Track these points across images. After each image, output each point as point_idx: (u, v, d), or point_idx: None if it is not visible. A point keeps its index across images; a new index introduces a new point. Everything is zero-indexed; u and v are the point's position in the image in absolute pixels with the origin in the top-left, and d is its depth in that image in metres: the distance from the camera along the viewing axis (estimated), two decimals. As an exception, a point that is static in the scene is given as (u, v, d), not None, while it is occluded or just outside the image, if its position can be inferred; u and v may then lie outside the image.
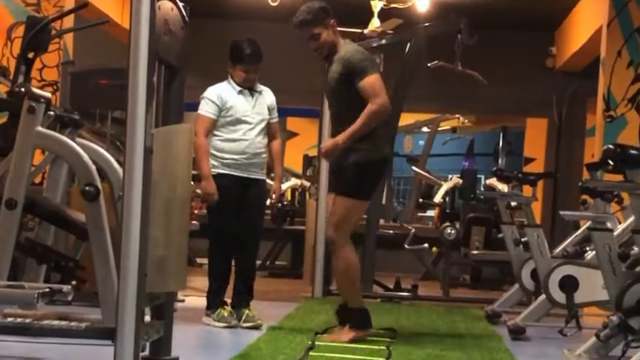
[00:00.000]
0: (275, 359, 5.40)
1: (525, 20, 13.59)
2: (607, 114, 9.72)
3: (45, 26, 6.19)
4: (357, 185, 6.21)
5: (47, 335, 5.00)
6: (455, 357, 5.94)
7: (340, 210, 6.21)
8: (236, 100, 6.92)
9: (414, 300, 9.84)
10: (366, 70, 6.18)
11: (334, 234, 6.21)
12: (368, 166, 6.23)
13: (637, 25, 9.65)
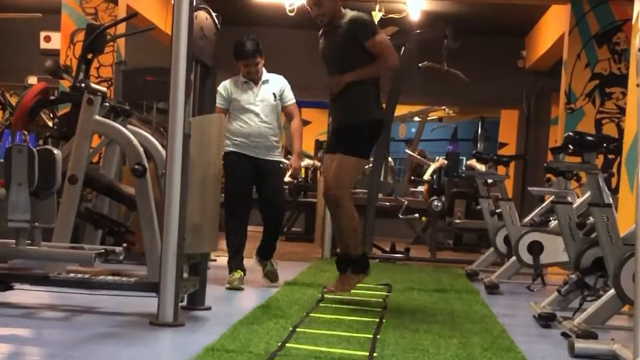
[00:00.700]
0: (291, 309, 5.41)
1: (500, 28, 13.53)
2: (568, 106, 9.71)
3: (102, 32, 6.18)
4: (360, 145, 5.82)
5: (103, 288, 5.03)
6: (440, 307, 5.95)
7: (345, 169, 5.75)
8: (240, 91, 6.65)
9: (406, 260, 9.84)
10: (376, 31, 5.84)
11: (339, 191, 5.76)
12: (370, 126, 5.83)
13: (594, 33, 9.64)
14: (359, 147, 5.80)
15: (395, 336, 4.63)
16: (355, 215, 5.84)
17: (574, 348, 4.42)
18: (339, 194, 5.73)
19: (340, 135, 5.94)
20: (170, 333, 4.45)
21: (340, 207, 5.76)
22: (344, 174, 5.76)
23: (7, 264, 5.32)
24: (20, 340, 4.22)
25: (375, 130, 5.96)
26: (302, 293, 6.25)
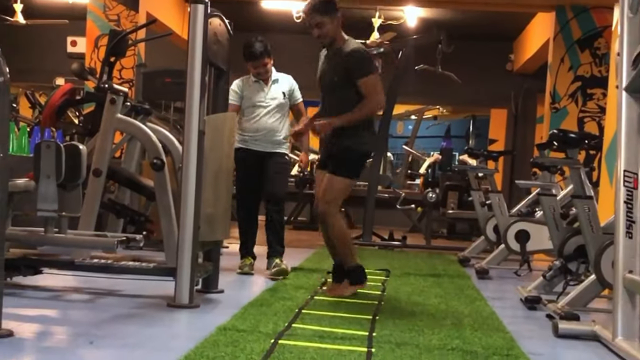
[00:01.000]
0: (297, 292, 5.42)
1: (490, 33, 13.52)
2: (553, 106, 9.71)
3: (124, 37, 6.17)
4: (354, 168, 5.53)
5: (124, 273, 5.03)
6: (434, 291, 5.93)
7: (337, 187, 5.42)
8: (251, 90, 6.51)
9: (403, 247, 9.84)
10: (370, 70, 5.46)
11: (328, 208, 5.42)
12: (365, 153, 5.68)
13: (576, 38, 9.64)
14: (349, 170, 5.50)
15: (393, 317, 4.64)
16: (344, 229, 5.65)
17: (558, 329, 4.41)
18: (327, 211, 5.44)
19: (331, 156, 5.60)
20: (186, 314, 4.45)
21: (327, 223, 5.50)
22: (332, 192, 5.45)
23: (37, 250, 5.33)
24: (49, 320, 4.23)
25: (365, 159, 5.90)
26: (308, 277, 6.26)
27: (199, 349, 3.48)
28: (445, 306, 5.21)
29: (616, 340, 3.96)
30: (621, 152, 4.16)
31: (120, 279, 5.41)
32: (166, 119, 8.76)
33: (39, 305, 4.56)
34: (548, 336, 4.41)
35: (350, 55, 5.43)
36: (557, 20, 9.69)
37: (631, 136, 4.18)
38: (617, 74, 4.31)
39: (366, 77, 5.38)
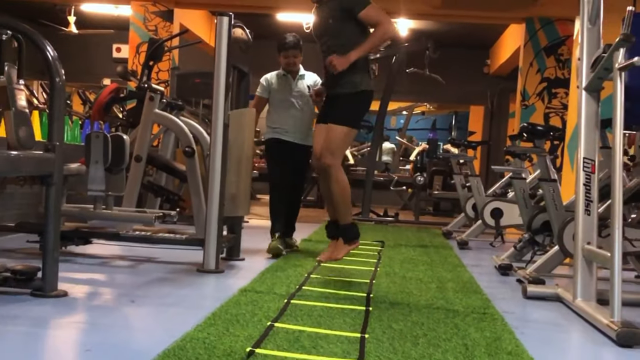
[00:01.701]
0: (307, 260, 5.39)
1: (470, 41, 13.50)
2: (523, 103, 9.68)
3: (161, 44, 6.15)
4: (353, 115, 4.79)
5: (161, 243, 5.05)
6: (423, 259, 5.92)
7: (338, 137, 4.70)
8: (279, 83, 5.97)
9: (396, 223, 9.82)
10: (365, 1, 4.64)
11: (332, 160, 4.69)
12: (362, 96, 4.77)
13: (543, 46, 9.63)
14: (352, 118, 4.78)
15: (387, 281, 4.63)
16: (346, 184, 4.81)
17: (527, 291, 4.40)
18: (330, 162, 4.70)
19: (334, 104, 4.86)
20: (213, 278, 4.45)
21: (331, 175, 4.73)
22: (336, 143, 4.71)
23: (87, 224, 5.34)
24: (97, 282, 4.23)
25: (367, 101, 4.89)
26: (315, 247, 6.24)
27: (224, 307, 3.48)
28: (432, 272, 5.20)
29: (576, 301, 3.95)
30: (581, 142, 4.15)
31: (158, 248, 5.42)
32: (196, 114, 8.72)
33: (89, 270, 4.56)
34: (518, 298, 4.40)
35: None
36: (527, 31, 9.68)
37: (590, 128, 4.16)
38: (577, 75, 4.29)
39: (365, 7, 4.63)
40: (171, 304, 3.59)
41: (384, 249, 6.55)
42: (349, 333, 3.09)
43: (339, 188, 4.75)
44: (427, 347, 2.93)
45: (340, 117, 4.73)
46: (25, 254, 4.95)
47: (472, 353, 2.87)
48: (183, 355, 2.58)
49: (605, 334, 3.37)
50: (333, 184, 4.74)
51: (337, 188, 4.75)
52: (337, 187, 4.75)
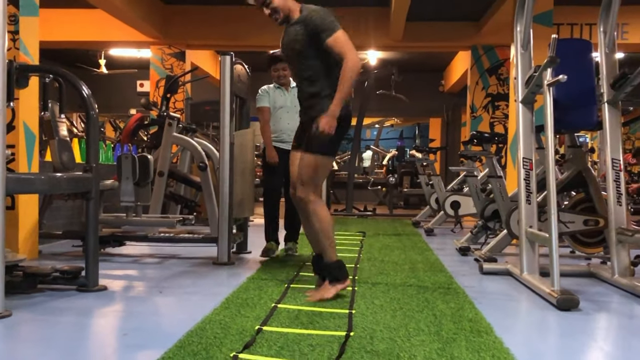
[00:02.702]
0: (302, 249, 5.35)
1: (428, 66, 13.51)
2: (472, 115, 9.67)
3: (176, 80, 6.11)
4: (329, 143, 3.44)
5: (182, 242, 5.02)
6: (397, 245, 5.91)
7: (313, 167, 3.44)
8: (275, 95, 5.15)
9: (374, 216, 9.82)
10: (333, 27, 3.41)
11: (305, 193, 3.45)
12: (339, 124, 3.39)
13: (486, 68, 9.64)
14: (325, 145, 3.43)
15: (369, 265, 4.61)
16: (324, 217, 3.46)
17: (482, 268, 4.40)
18: (303, 195, 3.46)
19: (307, 130, 3.52)
20: (226, 269, 4.40)
21: (307, 209, 3.47)
22: (309, 174, 3.45)
23: (121, 229, 5.29)
24: (130, 277, 4.18)
25: (344, 127, 3.50)
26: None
27: (235, 293, 3.44)
28: (405, 256, 5.18)
29: (523, 274, 3.95)
30: (520, 145, 4.15)
31: (179, 246, 5.40)
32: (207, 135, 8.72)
33: (124, 267, 4.51)
34: (476, 274, 4.39)
35: (309, 17, 3.44)
36: (472, 56, 9.69)
37: (526, 133, 4.16)
38: (515, 91, 4.29)
39: (334, 34, 3.39)
40: (192, 293, 3.55)
41: (365, 238, 6.53)
42: (339, 310, 3.07)
43: (317, 222, 3.44)
44: (403, 318, 2.91)
45: (319, 147, 3.42)
46: (71, 256, 4.91)
47: (440, 321, 2.85)
48: (203, 334, 2.55)
49: (548, 301, 3.36)
50: (311, 217, 3.45)
51: (316, 222, 3.45)
52: (315, 221, 3.45)
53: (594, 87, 4.02)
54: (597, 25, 4.10)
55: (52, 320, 2.85)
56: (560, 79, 3.46)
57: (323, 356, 2.28)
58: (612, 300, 3.55)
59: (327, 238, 3.46)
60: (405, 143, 18.08)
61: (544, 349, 2.56)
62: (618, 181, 3.89)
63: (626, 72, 3.73)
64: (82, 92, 3.55)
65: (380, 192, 12.24)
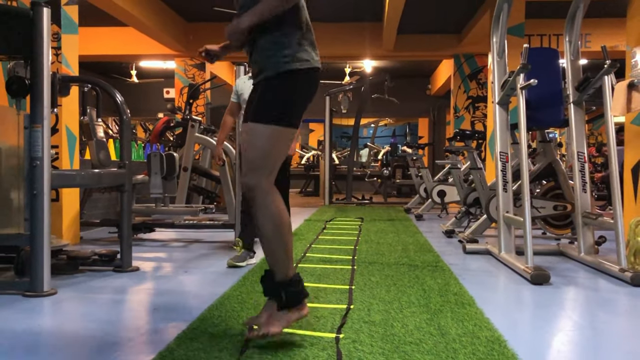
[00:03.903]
0: (308, 234, 5.35)
1: (416, 72, 13.47)
2: (455, 115, 9.62)
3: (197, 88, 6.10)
4: (277, 106, 2.00)
5: (203, 228, 4.98)
6: (391, 229, 5.89)
7: (258, 144, 1.98)
8: (245, 87, 4.04)
9: (371, 204, 9.78)
10: None
11: (256, 177, 1.97)
12: (290, 78, 2.01)
13: (467, 74, 9.58)
14: (276, 110, 2.01)
15: (367, 247, 4.59)
16: (278, 214, 1.99)
17: (466, 249, 4.38)
18: (253, 182, 1.98)
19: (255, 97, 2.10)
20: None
21: (254, 200, 1.99)
22: (257, 151, 1.99)
23: (151, 217, 5.29)
24: (159, 259, 4.18)
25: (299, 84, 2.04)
26: (314, 225, 6.20)
27: (251, 272, 3.44)
28: (397, 238, 5.17)
29: (501, 253, 3.93)
30: (497, 140, 4.12)
31: (202, 232, 5.38)
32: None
33: (154, 250, 4.51)
34: (460, 253, 4.37)
35: None
36: (455, 64, 9.63)
37: (503, 130, 4.13)
38: (492, 94, 4.25)
39: None
40: (213, 272, 3.54)
41: (363, 223, 6.51)
42: (340, 286, 3.06)
43: (268, 220, 1.99)
44: (397, 292, 2.90)
45: (259, 112, 2.04)
46: (108, 241, 4.91)
47: (429, 295, 2.84)
48: (222, 308, 2.54)
49: (523, 276, 3.35)
50: (257, 212, 1.99)
51: (263, 219, 1.99)
52: (262, 218, 1.99)
53: (561, 89, 3.99)
54: (564, 35, 4.06)
55: (92, 298, 2.84)
56: (531, 82, 3.43)
57: (327, 326, 2.27)
58: (579, 276, 3.53)
59: (280, 245, 2.02)
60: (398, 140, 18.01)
61: (519, 318, 2.54)
62: (583, 171, 3.86)
63: (589, 76, 3.70)
64: (116, 99, 3.54)
65: (376, 183, 12.18)
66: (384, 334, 2.17)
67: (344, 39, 9.32)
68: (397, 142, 15.06)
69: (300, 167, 13.35)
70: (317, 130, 17.00)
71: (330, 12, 8.59)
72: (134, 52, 9.64)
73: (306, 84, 2.08)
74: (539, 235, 5.26)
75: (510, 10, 4.10)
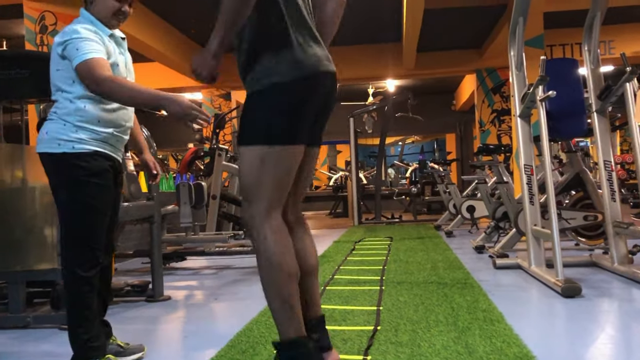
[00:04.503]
0: (337, 255, 5.32)
1: (440, 89, 13.45)
2: (481, 129, 9.57)
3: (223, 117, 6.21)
4: (261, 123, 1.63)
5: (234, 255, 5.01)
6: (420, 247, 5.82)
7: (246, 169, 1.65)
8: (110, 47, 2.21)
9: (400, 222, 9.71)
10: None
11: (253, 209, 1.65)
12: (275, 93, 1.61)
13: (490, 87, 9.55)
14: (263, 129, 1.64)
15: (395, 266, 4.55)
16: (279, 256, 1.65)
17: (496, 264, 4.31)
18: (245, 215, 1.70)
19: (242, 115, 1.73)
20: (272, 276, 4.41)
21: (253, 238, 1.68)
22: (248, 178, 1.67)
23: (182, 246, 5.35)
24: (191, 287, 4.23)
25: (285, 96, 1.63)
26: (343, 246, 6.17)
27: (280, 296, 3.45)
28: (427, 256, 5.11)
29: (531, 267, 3.86)
30: (521, 153, 4.08)
31: (232, 258, 5.42)
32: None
33: (185, 279, 4.57)
34: (490, 269, 4.31)
35: None
36: (477, 78, 9.62)
37: (526, 143, 4.09)
38: (515, 107, 4.23)
39: None
40: (242, 298, 3.57)
41: (392, 242, 6.46)
42: (368, 307, 3.05)
43: (260, 259, 1.73)
44: (424, 311, 2.87)
45: (242, 133, 1.74)
46: (141, 272, 4.98)
47: (457, 313, 2.80)
48: (251, 334, 2.56)
49: (554, 290, 3.27)
50: (256, 249, 1.72)
51: (258, 259, 1.74)
52: (258, 258, 1.73)
53: (582, 99, 3.94)
54: (582, 44, 4.02)
55: (125, 329, 2.89)
56: (550, 94, 3.40)
57: (354, 349, 2.26)
58: (612, 287, 3.44)
59: (275, 295, 1.71)
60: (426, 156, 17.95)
61: (550, 333, 2.49)
62: (611, 180, 3.78)
63: (610, 84, 3.65)
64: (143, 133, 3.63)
65: (405, 201, 12.12)
66: (410, 354, 2.15)
67: (366, 61, 9.40)
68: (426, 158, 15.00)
69: (329, 188, 13.37)
70: (344, 151, 17.04)
71: (350, 35, 8.69)
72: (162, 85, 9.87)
73: (300, 96, 1.66)
74: (572, 246, 5.14)
75: (526, 23, 4.08)
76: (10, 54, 4.15)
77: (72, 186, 2.06)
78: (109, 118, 2.19)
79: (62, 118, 2.09)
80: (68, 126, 2.08)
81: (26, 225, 3.02)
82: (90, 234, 2.09)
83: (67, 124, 2.08)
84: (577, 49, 8.00)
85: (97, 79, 2.00)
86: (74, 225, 2.08)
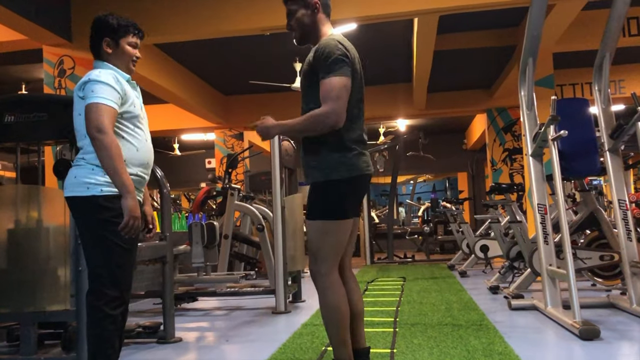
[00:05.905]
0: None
1: (451, 128, 13.50)
2: (493, 168, 9.55)
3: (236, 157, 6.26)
4: (323, 206, 2.31)
5: (245, 295, 4.99)
6: (434, 288, 5.75)
7: (319, 236, 2.31)
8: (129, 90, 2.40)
9: (413, 262, 9.62)
10: (332, 69, 2.20)
11: (317, 265, 2.33)
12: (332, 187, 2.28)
13: (501, 127, 9.58)
14: (322, 209, 2.31)
15: (409, 307, 4.49)
16: (335, 302, 2.28)
17: (511, 304, 4.24)
18: (314, 270, 2.33)
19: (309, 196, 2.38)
20: (284, 317, 4.36)
21: (318, 288, 2.34)
22: (315, 243, 2.32)
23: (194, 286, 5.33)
24: (202, 329, 4.19)
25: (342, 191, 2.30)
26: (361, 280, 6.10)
27: (291, 338, 3.40)
28: (441, 297, 5.04)
29: (547, 308, 3.79)
30: (534, 192, 4.06)
31: (244, 299, 5.37)
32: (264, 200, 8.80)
33: (196, 320, 4.53)
34: (505, 310, 4.23)
35: (316, 50, 2.28)
36: (488, 118, 9.65)
37: (539, 182, 4.07)
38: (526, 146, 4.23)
39: (326, 77, 2.21)
40: (254, 340, 3.53)
41: (405, 282, 6.39)
42: (381, 350, 2.99)
43: (323, 305, 2.30)
44: (439, 354, 2.81)
45: (315, 210, 2.32)
46: (153, 312, 4.94)
47: (473, 356, 2.74)
48: (263, 378, 2.52)
49: (571, 332, 3.20)
50: (319, 294, 2.33)
51: (321, 301, 2.31)
52: (321, 300, 2.31)
53: (594, 137, 3.94)
54: (592, 84, 4.05)
55: (135, 371, 2.86)
56: (561, 134, 3.41)
57: (367, 393, 2.22)
58: (632, 329, 3.35)
59: (333, 329, 2.26)
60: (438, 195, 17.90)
61: (569, 377, 2.43)
62: (626, 219, 3.74)
63: (622, 123, 3.65)
64: (156, 173, 3.67)
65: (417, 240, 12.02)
66: (425, 399, 2.10)
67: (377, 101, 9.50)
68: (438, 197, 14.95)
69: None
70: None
71: (361, 76, 8.81)
72: (175, 126, 10.04)
73: (345, 191, 2.31)
74: (588, 287, 5.05)
75: (535, 63, 4.13)
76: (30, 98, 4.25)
77: (101, 227, 2.19)
78: (136, 156, 2.34)
79: (90, 163, 2.22)
80: (96, 170, 2.21)
81: (40, 266, 3.03)
82: (118, 272, 2.21)
83: (95, 168, 2.21)
84: (587, 88, 8.04)
85: (102, 127, 2.17)
86: (103, 264, 2.19)
